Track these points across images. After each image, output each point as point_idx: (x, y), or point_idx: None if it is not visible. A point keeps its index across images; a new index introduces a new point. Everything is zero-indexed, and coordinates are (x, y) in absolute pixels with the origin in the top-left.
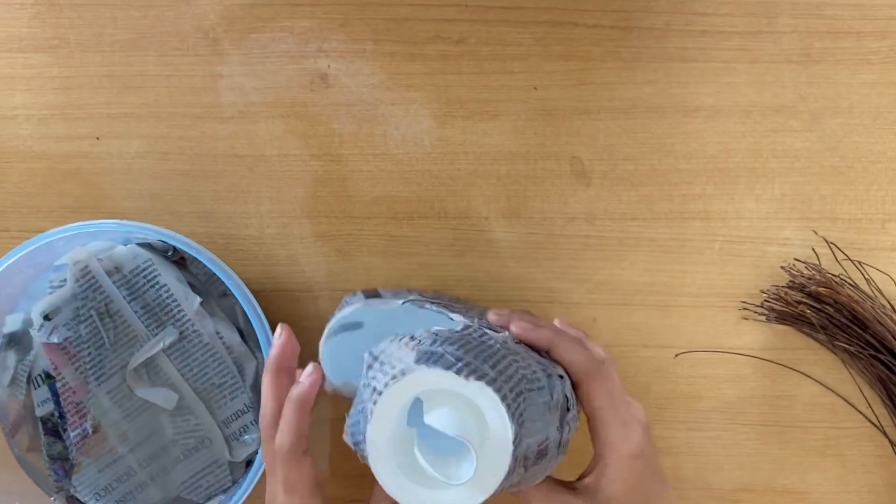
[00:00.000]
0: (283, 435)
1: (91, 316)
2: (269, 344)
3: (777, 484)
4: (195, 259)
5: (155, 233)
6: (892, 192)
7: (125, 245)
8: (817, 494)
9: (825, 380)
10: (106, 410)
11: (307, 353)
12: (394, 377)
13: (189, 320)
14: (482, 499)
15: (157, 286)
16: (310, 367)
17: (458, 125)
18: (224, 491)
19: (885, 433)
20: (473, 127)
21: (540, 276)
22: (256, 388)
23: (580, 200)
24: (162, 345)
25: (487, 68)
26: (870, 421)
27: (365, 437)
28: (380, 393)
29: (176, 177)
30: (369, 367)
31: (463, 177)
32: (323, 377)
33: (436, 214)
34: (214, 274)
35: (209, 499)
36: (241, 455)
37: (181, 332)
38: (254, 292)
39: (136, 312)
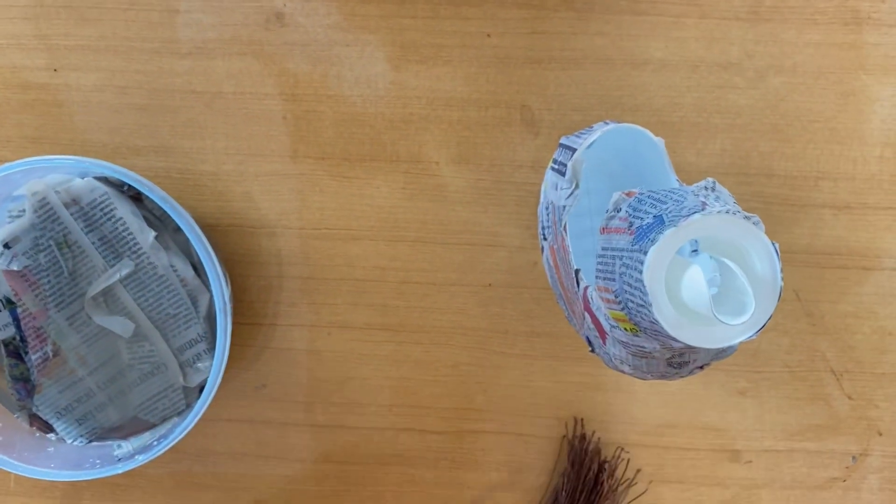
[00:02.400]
0: None
1: (50, 245)
2: (219, 278)
3: (699, 421)
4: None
5: (110, 170)
6: (827, 151)
7: (82, 178)
8: (735, 432)
9: None
10: (65, 335)
11: (260, 286)
12: (674, 221)
13: (144, 253)
14: (753, 335)
15: (113, 219)
16: None
17: (411, 69)
18: (178, 413)
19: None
20: (427, 72)
21: (486, 220)
22: (209, 319)
23: (528, 149)
24: (118, 276)
25: (442, 13)
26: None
27: (637, 281)
28: (658, 236)
29: (134, 111)
30: (636, 207)
31: (415, 121)
32: None
33: (388, 157)
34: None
35: (164, 420)
36: (195, 381)
37: (137, 264)
38: (209, 227)
39: (93, 244)
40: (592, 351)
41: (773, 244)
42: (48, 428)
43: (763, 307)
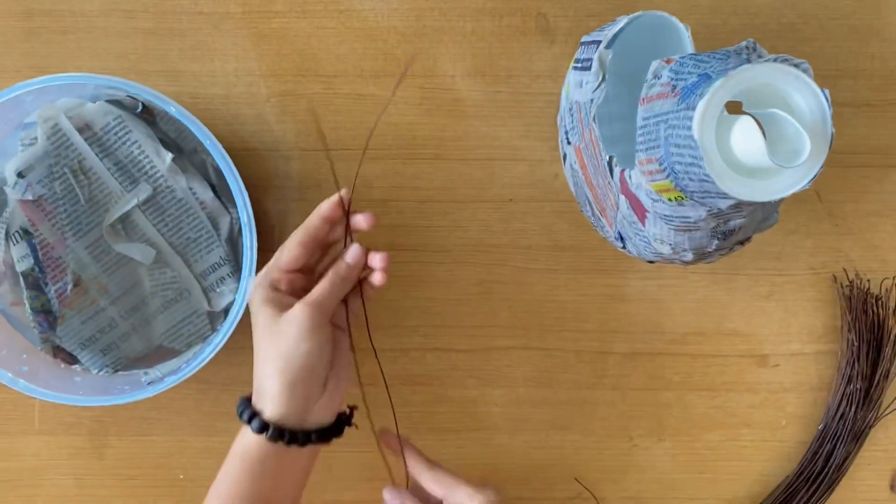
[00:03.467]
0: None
1: (65, 173)
2: (242, 194)
3: (724, 327)
4: (165, 116)
5: (125, 86)
6: (846, 48)
7: (94, 102)
8: (761, 336)
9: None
10: (85, 265)
11: (279, 210)
12: (721, 74)
13: (162, 176)
14: (806, 184)
15: (128, 143)
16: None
17: None
18: (204, 339)
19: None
20: None
21: (505, 134)
22: (231, 242)
23: (545, 58)
24: (136, 201)
25: None
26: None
27: (686, 139)
28: (706, 90)
29: (141, 35)
30: (677, 70)
31: (429, 34)
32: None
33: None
34: (184, 130)
35: (189, 347)
36: (220, 305)
37: (154, 188)
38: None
39: (108, 170)
40: (624, 247)
41: (822, 91)
42: (73, 359)
43: (816, 153)
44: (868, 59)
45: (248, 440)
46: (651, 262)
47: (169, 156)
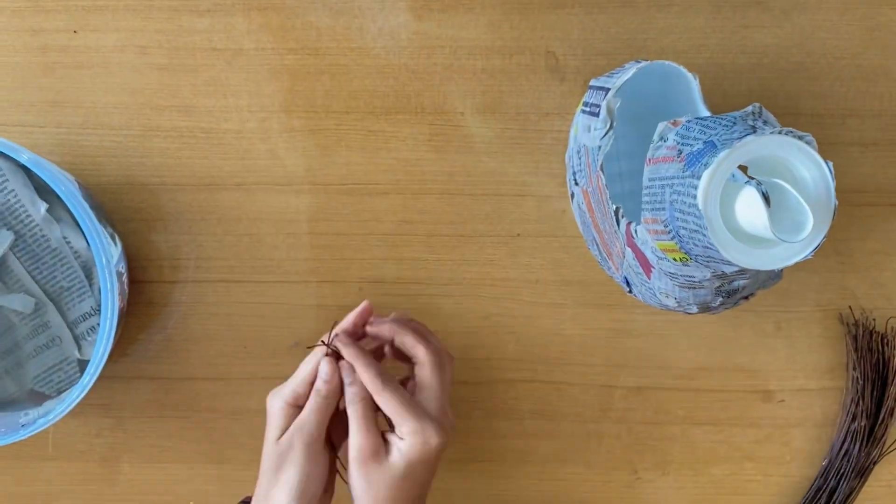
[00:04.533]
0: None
1: None
2: (103, 250)
3: (730, 363)
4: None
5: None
6: (854, 88)
7: None
8: (766, 372)
9: None
10: None
11: (290, 245)
12: (726, 144)
13: (37, 225)
14: (809, 254)
15: (4, 191)
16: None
17: (434, 18)
18: (73, 385)
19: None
20: (450, 20)
21: (513, 170)
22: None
23: (554, 96)
24: (1, 249)
25: None
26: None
27: (690, 207)
28: (711, 160)
29: (155, 71)
30: (683, 134)
31: (439, 71)
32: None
33: (413, 109)
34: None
35: (59, 392)
36: (90, 353)
37: (32, 236)
38: (234, 187)
39: None
40: (630, 291)
41: (826, 163)
42: None
43: (819, 225)
44: (876, 98)
45: None
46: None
47: (44, 205)
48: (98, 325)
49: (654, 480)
